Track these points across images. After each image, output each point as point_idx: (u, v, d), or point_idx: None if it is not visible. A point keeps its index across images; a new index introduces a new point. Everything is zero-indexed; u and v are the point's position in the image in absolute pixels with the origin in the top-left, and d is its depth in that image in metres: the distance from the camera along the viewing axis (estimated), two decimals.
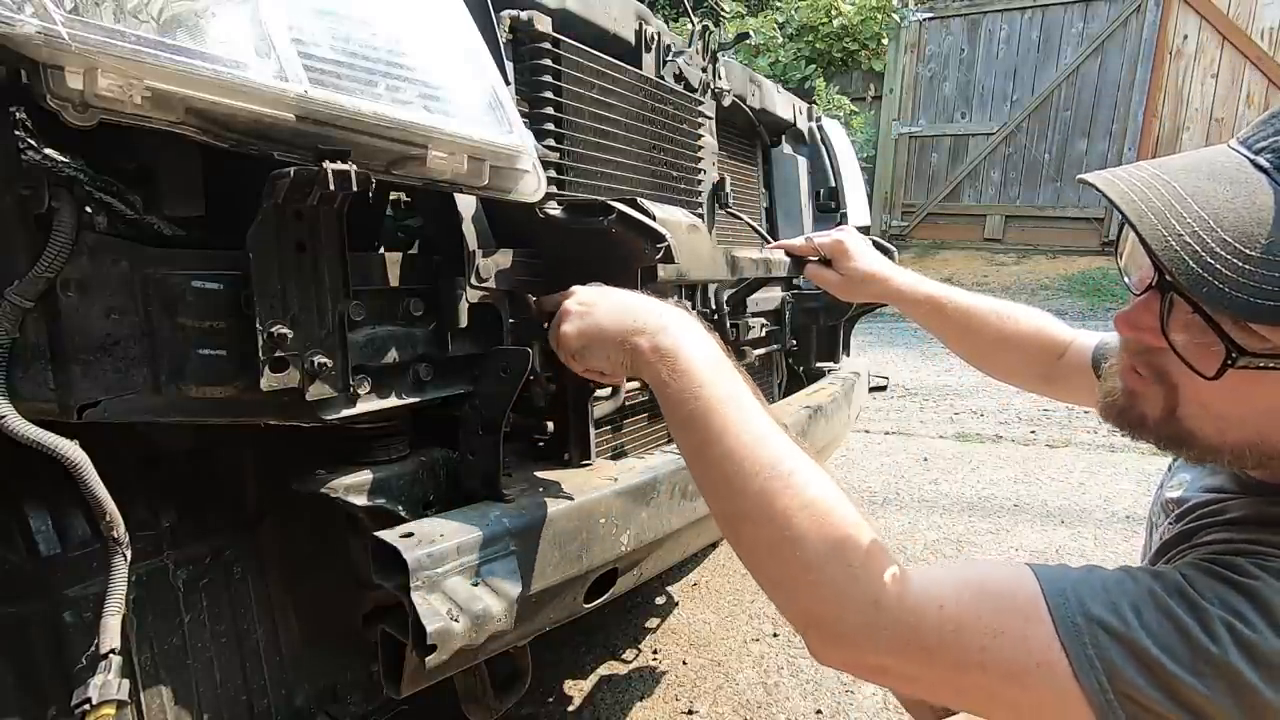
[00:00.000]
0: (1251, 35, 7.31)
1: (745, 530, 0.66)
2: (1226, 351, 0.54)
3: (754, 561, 0.67)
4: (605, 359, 0.76)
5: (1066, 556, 2.47)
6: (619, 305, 0.77)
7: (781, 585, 0.65)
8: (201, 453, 0.91)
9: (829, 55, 9.00)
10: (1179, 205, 0.53)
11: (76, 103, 0.53)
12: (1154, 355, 0.62)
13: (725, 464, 0.65)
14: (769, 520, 0.63)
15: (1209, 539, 0.65)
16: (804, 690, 1.80)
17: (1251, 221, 0.51)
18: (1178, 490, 0.79)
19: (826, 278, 1.25)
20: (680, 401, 0.68)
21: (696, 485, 0.71)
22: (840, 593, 0.60)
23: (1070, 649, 0.55)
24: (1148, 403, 0.65)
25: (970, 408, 4.30)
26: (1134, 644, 0.54)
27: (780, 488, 0.63)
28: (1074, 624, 0.56)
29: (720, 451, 0.66)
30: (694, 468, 0.70)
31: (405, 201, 1.02)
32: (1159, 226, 0.53)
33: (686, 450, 0.71)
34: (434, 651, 0.69)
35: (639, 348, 0.72)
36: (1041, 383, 1.18)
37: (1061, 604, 0.57)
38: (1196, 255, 0.51)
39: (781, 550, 0.63)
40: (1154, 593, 0.56)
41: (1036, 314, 1.17)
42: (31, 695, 0.79)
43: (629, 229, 0.87)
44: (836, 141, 2.23)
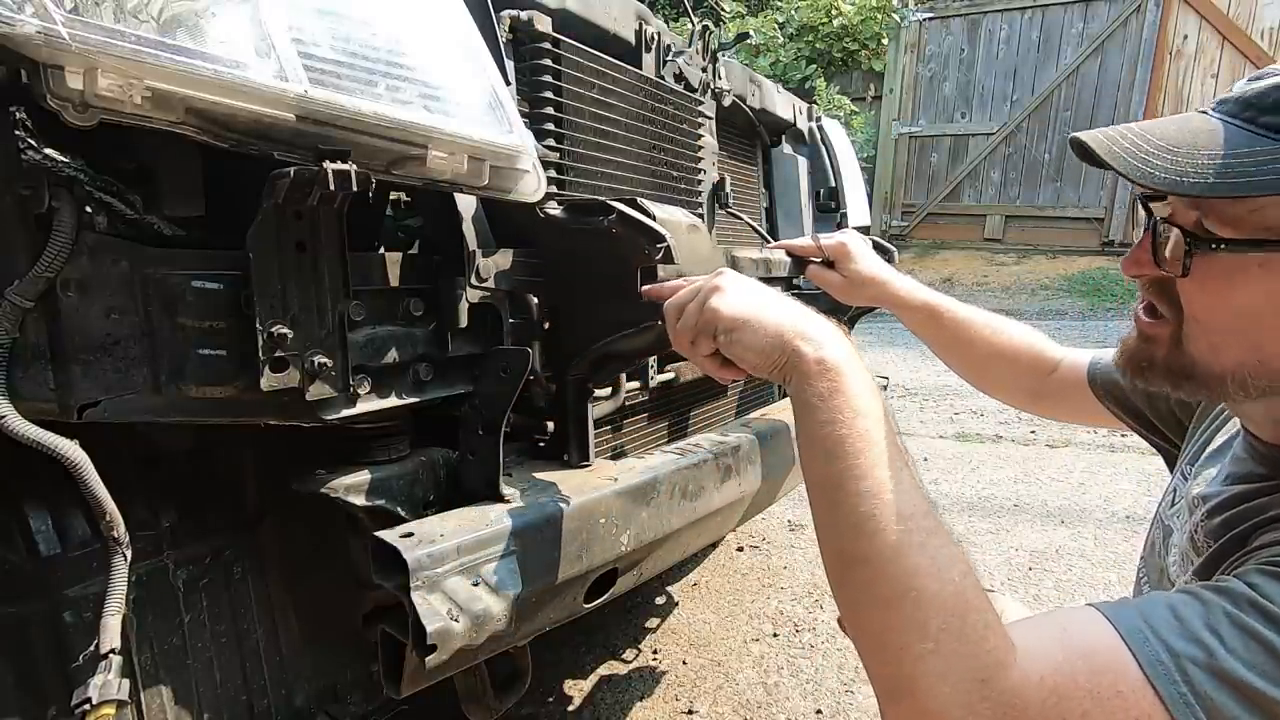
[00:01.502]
0: (1251, 35, 7.31)
1: (863, 575, 0.61)
2: (1185, 243, 0.62)
3: (859, 611, 0.63)
4: (756, 351, 0.69)
5: (1066, 556, 2.47)
6: (781, 300, 0.72)
7: (884, 644, 0.60)
8: (201, 453, 0.91)
9: (829, 55, 9.00)
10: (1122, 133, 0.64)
11: (76, 103, 0.53)
12: (1165, 285, 0.67)
13: (863, 503, 0.61)
14: (895, 574, 0.59)
15: (1264, 540, 0.64)
16: (804, 690, 1.80)
17: (1183, 134, 0.62)
18: (1202, 485, 0.79)
19: (828, 279, 1.25)
20: (831, 423, 0.64)
21: (815, 511, 0.66)
22: (948, 667, 0.56)
23: (1162, 691, 0.53)
24: (1158, 344, 0.69)
25: (970, 408, 4.30)
26: (1223, 671, 0.53)
27: (917, 543, 0.59)
28: (1160, 663, 0.54)
29: (861, 489, 0.61)
30: (821, 494, 0.65)
31: (405, 201, 1.02)
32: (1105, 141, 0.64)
33: (818, 474, 0.65)
34: (434, 651, 0.69)
35: (802, 353, 0.66)
36: (1030, 399, 1.19)
37: (1143, 644, 0.55)
38: (1134, 149, 0.62)
39: (900, 608, 0.58)
40: (1228, 612, 0.55)
41: (1029, 331, 1.18)
42: (31, 695, 0.79)
43: (629, 229, 0.87)
44: (836, 141, 2.23)
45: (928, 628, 0.57)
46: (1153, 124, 0.64)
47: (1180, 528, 0.80)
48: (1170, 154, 0.60)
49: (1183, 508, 0.82)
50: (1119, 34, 7.83)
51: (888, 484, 0.61)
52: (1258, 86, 0.61)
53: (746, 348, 0.70)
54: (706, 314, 0.72)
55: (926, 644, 0.57)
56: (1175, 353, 0.67)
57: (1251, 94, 0.61)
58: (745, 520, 1.50)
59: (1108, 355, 1.08)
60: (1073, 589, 2.27)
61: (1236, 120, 0.61)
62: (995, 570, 2.39)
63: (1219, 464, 0.79)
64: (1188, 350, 0.66)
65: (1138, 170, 0.60)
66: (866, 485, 0.61)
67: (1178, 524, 0.82)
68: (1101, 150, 0.63)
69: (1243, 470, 0.73)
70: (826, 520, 0.65)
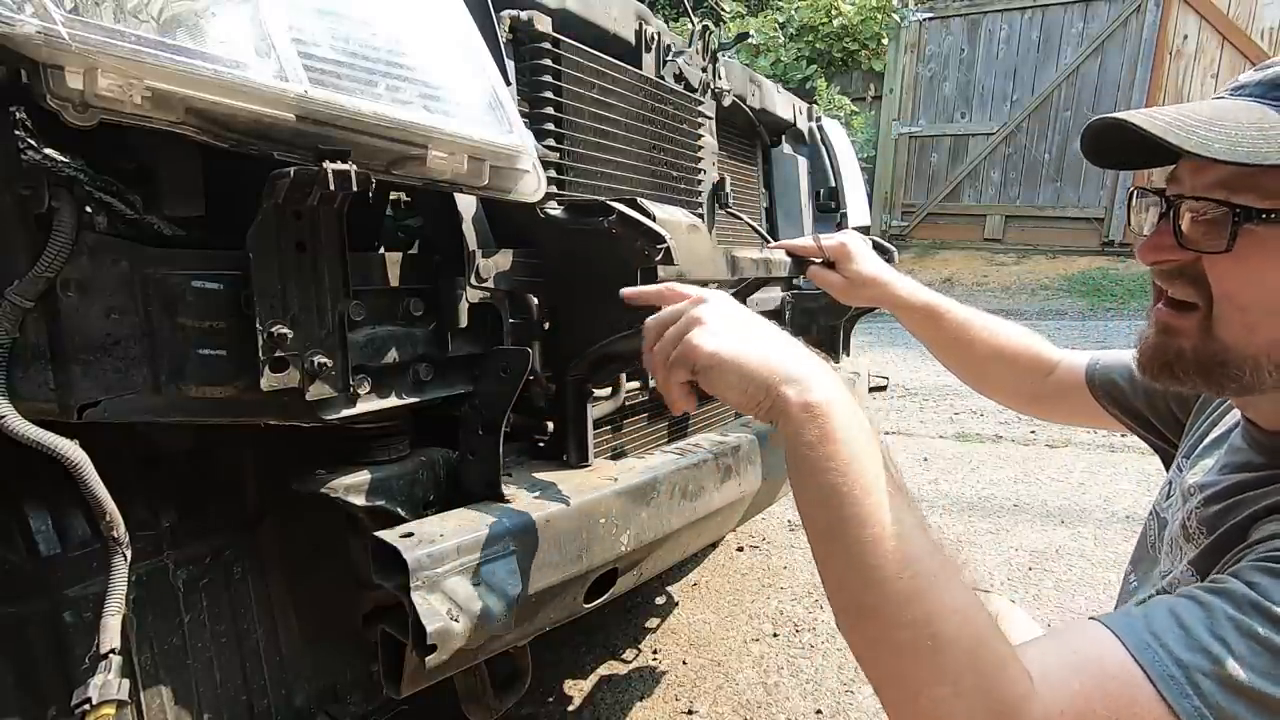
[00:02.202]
0: (1251, 35, 7.31)
1: (874, 625, 0.60)
2: (1231, 214, 0.61)
3: (875, 660, 0.61)
4: (738, 391, 0.66)
5: (1066, 556, 2.47)
6: (765, 338, 0.68)
7: (904, 690, 0.59)
8: (201, 453, 0.91)
9: (829, 55, 9.00)
10: (1157, 111, 0.63)
11: (76, 103, 0.53)
12: (1186, 269, 0.66)
13: (868, 551, 0.59)
14: (908, 622, 0.57)
15: (1263, 533, 0.64)
16: (804, 690, 1.80)
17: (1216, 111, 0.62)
18: (1199, 475, 0.79)
19: (829, 279, 1.26)
20: (824, 470, 0.61)
21: (820, 561, 0.64)
22: (969, 706, 0.56)
23: (1176, 705, 0.53)
24: (1184, 336, 0.68)
25: (970, 408, 4.30)
26: (1232, 680, 0.53)
27: (926, 587, 0.58)
28: (1171, 678, 0.54)
29: (865, 536, 0.59)
30: (823, 544, 0.63)
31: (405, 201, 1.02)
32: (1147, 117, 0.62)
33: (819, 524, 0.63)
34: (434, 651, 0.69)
35: (787, 398, 0.63)
36: (1028, 400, 1.19)
37: (1152, 658, 0.55)
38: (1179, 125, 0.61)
39: (915, 655, 0.57)
40: (1231, 616, 0.55)
41: (1027, 332, 1.19)
42: (31, 695, 0.79)
43: (629, 229, 0.87)
44: (836, 141, 2.23)
45: (946, 672, 0.56)
46: (1183, 106, 0.64)
47: (1175, 516, 0.80)
48: (1220, 127, 0.60)
49: (1177, 498, 0.82)
50: (1119, 34, 7.83)
51: (890, 529, 0.59)
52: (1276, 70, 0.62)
53: (728, 387, 0.67)
54: (684, 348, 0.68)
55: (945, 688, 0.56)
56: (1205, 341, 0.66)
57: (1272, 76, 0.62)
58: (745, 520, 1.50)
59: (1106, 356, 1.08)
60: (1073, 589, 2.27)
61: (1268, 100, 0.61)
62: (995, 570, 2.39)
63: (1215, 454, 0.79)
64: (1219, 335, 0.65)
65: (1193, 140, 0.59)
66: (869, 533, 0.59)
67: (1172, 514, 0.82)
68: (1143, 123, 0.61)
69: (1240, 460, 0.74)
70: (830, 570, 0.63)
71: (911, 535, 0.60)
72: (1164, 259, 0.67)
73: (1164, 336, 0.70)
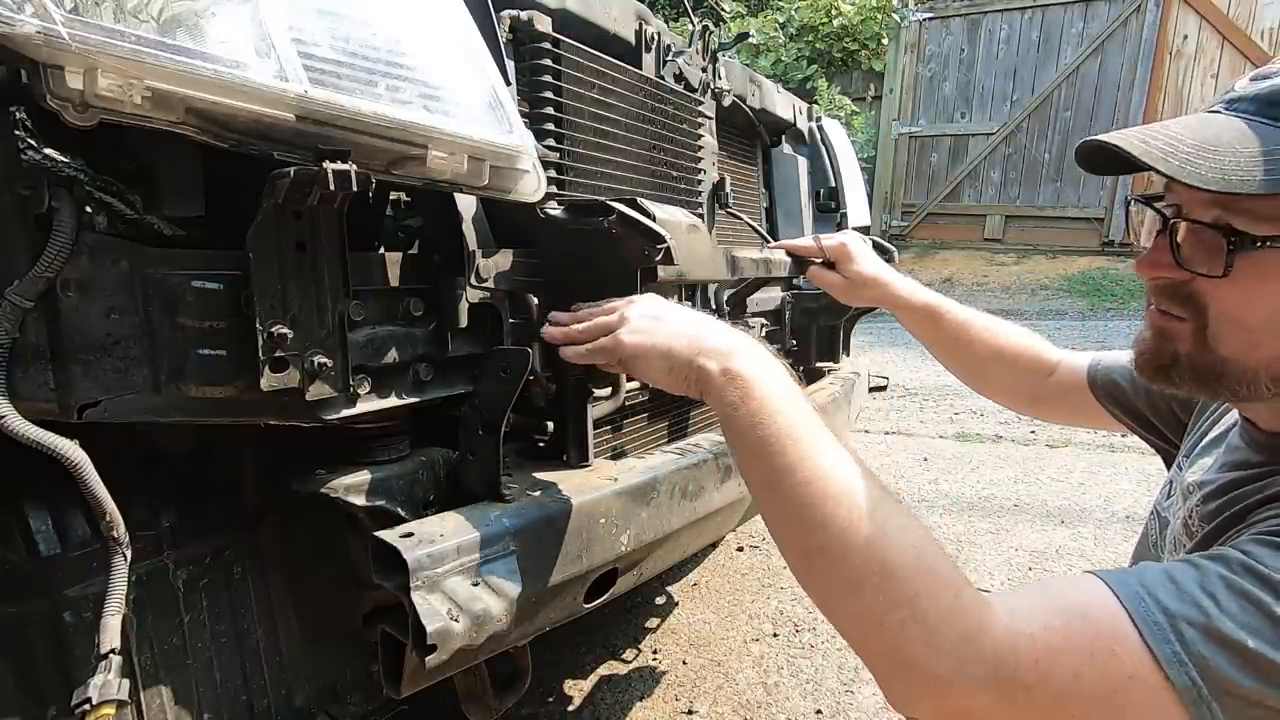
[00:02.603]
0: (1251, 35, 7.31)
1: (822, 565, 0.62)
2: (1226, 241, 0.61)
3: (832, 599, 0.63)
4: (663, 373, 0.73)
5: (1066, 556, 2.47)
6: (687, 323, 0.74)
7: (864, 624, 0.60)
8: (201, 453, 0.91)
9: (829, 55, 9.00)
10: (1149, 134, 0.63)
11: (76, 103, 0.53)
12: (1180, 288, 0.66)
13: (803, 494, 0.62)
14: (854, 554, 0.59)
15: (1262, 516, 0.64)
16: (804, 690, 1.80)
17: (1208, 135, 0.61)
18: (1199, 474, 0.79)
19: (829, 280, 1.26)
20: (751, 427, 0.65)
21: (765, 516, 0.67)
22: (931, 630, 0.57)
23: (1157, 650, 0.54)
24: (1179, 340, 0.68)
25: (970, 408, 4.30)
26: (1217, 631, 0.54)
27: (864, 518, 0.59)
28: (1155, 623, 0.55)
29: (797, 480, 0.62)
30: (764, 497, 0.66)
31: (405, 201, 1.02)
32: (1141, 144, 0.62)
33: (755, 478, 0.67)
34: (434, 651, 0.69)
35: (707, 370, 0.69)
36: (1029, 401, 1.19)
37: (1139, 605, 0.56)
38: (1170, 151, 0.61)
39: (867, 586, 0.58)
40: (1223, 576, 0.56)
41: (1027, 333, 1.19)
42: (31, 695, 0.79)
43: (629, 229, 0.87)
44: (836, 141, 2.23)
45: (899, 597, 0.58)
46: (1171, 124, 0.64)
47: (1174, 515, 0.81)
48: (1211, 152, 0.59)
49: (1177, 497, 0.83)
50: (1119, 34, 7.83)
51: (821, 469, 0.62)
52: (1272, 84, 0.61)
53: (654, 370, 0.74)
54: (610, 343, 0.76)
55: (901, 612, 0.58)
56: (1201, 351, 0.66)
57: (1268, 91, 0.61)
58: (745, 520, 1.50)
59: (1107, 357, 1.08)
60: None
61: (1262, 119, 0.61)
62: (995, 570, 2.39)
63: (1214, 453, 0.79)
64: (1216, 350, 0.65)
65: (1185, 170, 0.59)
66: (801, 475, 0.62)
67: (1173, 513, 0.82)
68: (1137, 150, 0.61)
69: (1238, 458, 0.74)
70: (774, 521, 0.66)
71: (843, 472, 0.62)
72: (1162, 276, 0.68)
73: (1160, 340, 0.70)
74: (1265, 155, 0.58)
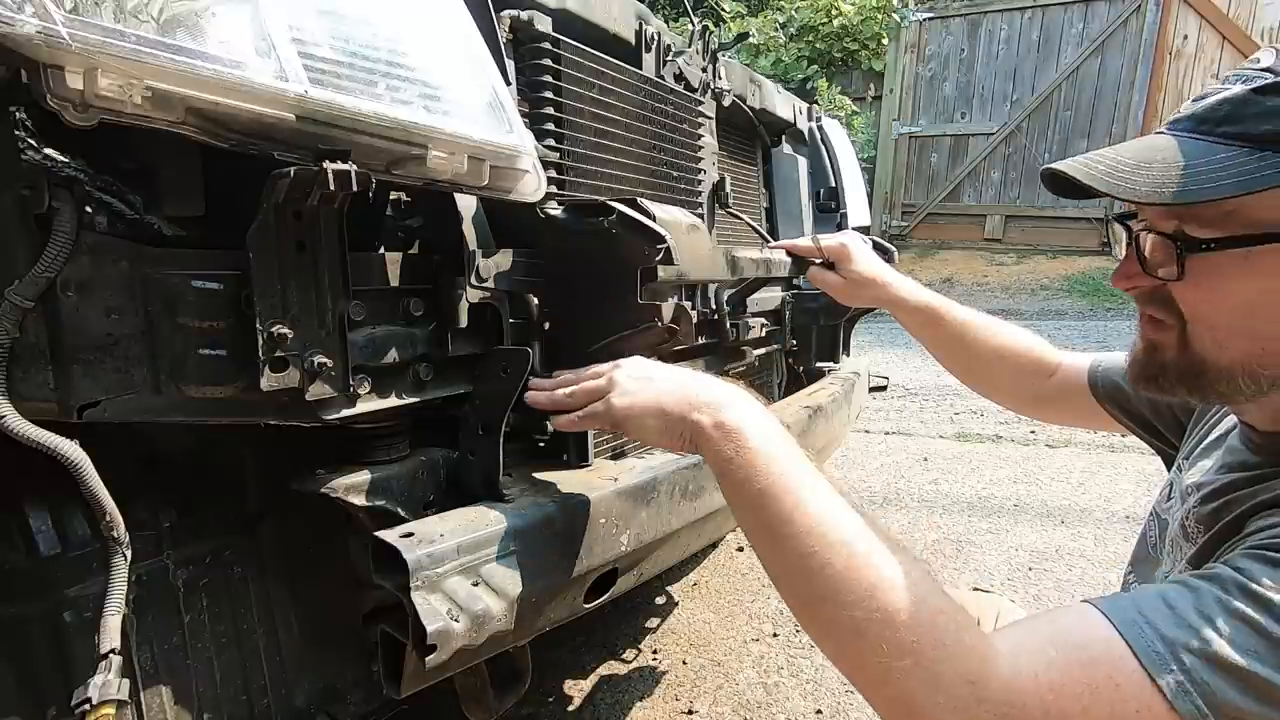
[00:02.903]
0: (1251, 35, 7.31)
1: (826, 613, 0.62)
2: (1175, 246, 0.64)
3: (835, 646, 0.63)
4: (659, 434, 0.75)
5: (1066, 557, 2.47)
6: (676, 380, 0.76)
7: (868, 670, 0.61)
8: (201, 453, 0.91)
9: (829, 55, 8.99)
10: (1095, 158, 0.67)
11: (76, 103, 0.53)
12: (1158, 293, 0.69)
13: (802, 543, 0.63)
14: (854, 601, 0.59)
15: (1258, 525, 0.64)
16: (804, 690, 1.80)
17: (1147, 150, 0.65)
18: (1197, 475, 0.79)
19: (829, 280, 1.25)
20: (747, 479, 0.66)
21: (765, 565, 0.68)
22: (935, 675, 0.57)
23: (1161, 681, 0.54)
24: (1167, 348, 0.70)
25: (970, 408, 4.30)
26: (1217, 657, 0.54)
27: (863, 565, 0.60)
28: (1156, 653, 0.55)
29: (795, 530, 0.63)
30: (764, 547, 0.67)
31: (405, 201, 1.02)
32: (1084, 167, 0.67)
33: (755, 529, 0.68)
34: (434, 651, 0.69)
35: (700, 424, 0.71)
36: (1030, 403, 1.19)
37: (1138, 635, 0.56)
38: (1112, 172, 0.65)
39: (869, 632, 0.59)
40: (1218, 598, 0.56)
41: (1028, 334, 1.19)
42: (31, 695, 0.79)
43: (629, 230, 0.87)
44: (836, 141, 2.23)
45: (902, 644, 0.58)
46: (1120, 147, 0.68)
47: (1175, 517, 0.81)
48: (1145, 169, 0.63)
49: (1176, 499, 0.83)
50: (1119, 34, 7.83)
51: (816, 517, 0.63)
52: (1206, 102, 0.64)
53: (649, 430, 0.76)
54: (602, 407, 0.78)
55: (905, 660, 0.58)
56: (1184, 354, 0.69)
57: (1202, 110, 0.64)
58: None
59: (1108, 358, 1.08)
60: (1073, 589, 2.26)
61: (1194, 134, 0.64)
62: (995, 570, 2.39)
63: (1214, 455, 0.80)
64: (1195, 350, 0.68)
65: (1120, 188, 0.63)
66: (798, 525, 0.63)
67: (1172, 515, 0.82)
68: (1081, 175, 0.66)
69: (1236, 460, 0.74)
70: (774, 570, 0.67)
71: (839, 519, 0.63)
72: (1133, 285, 0.71)
73: (1149, 352, 0.73)
74: (1190, 167, 0.61)
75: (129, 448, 0.83)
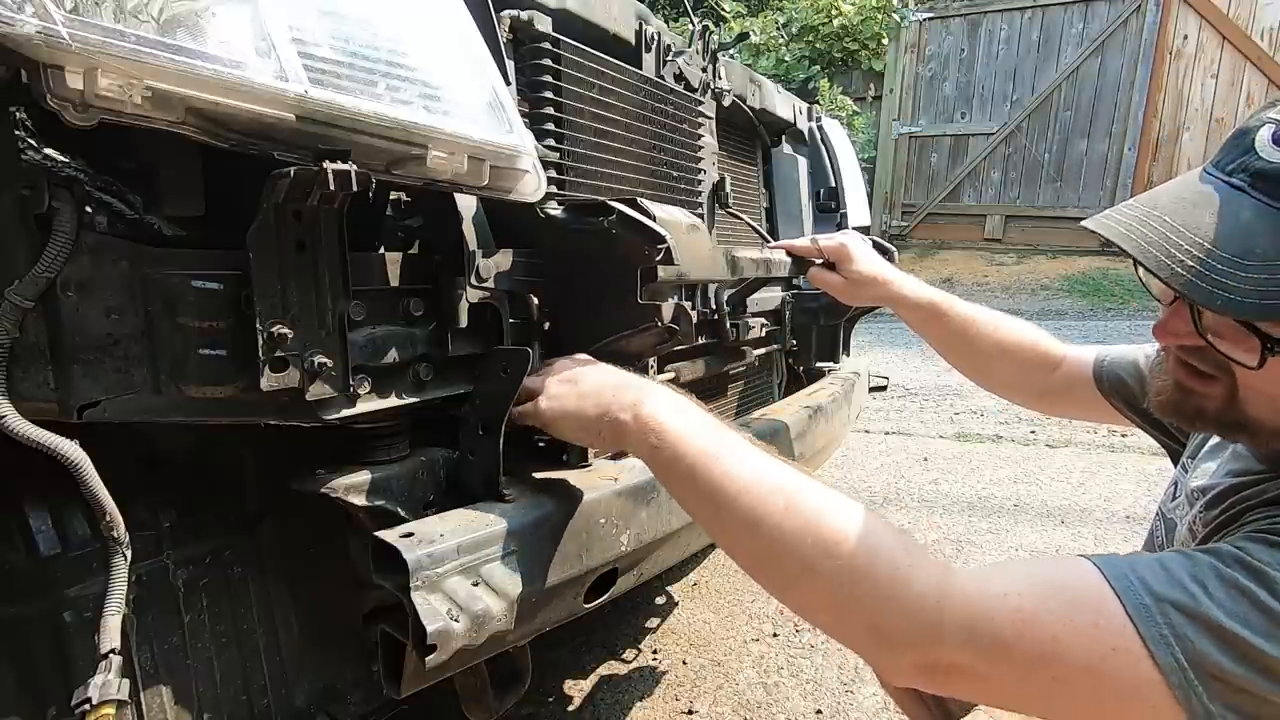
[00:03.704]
0: (1251, 35, 7.31)
1: (779, 566, 0.64)
2: (1262, 345, 0.59)
3: (796, 595, 0.65)
4: (580, 431, 0.79)
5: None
6: (595, 384, 0.78)
7: (835, 608, 0.62)
8: (201, 453, 0.91)
9: (829, 55, 8.99)
10: (1175, 236, 0.59)
11: (76, 103, 0.53)
12: (1206, 352, 0.65)
13: (738, 506, 0.64)
14: (800, 545, 0.61)
15: (1256, 518, 0.65)
16: (804, 690, 1.80)
17: (1241, 235, 0.57)
18: (1202, 479, 0.80)
19: (829, 280, 1.25)
20: (674, 460, 0.68)
21: (714, 538, 0.70)
22: (898, 594, 0.58)
23: (1143, 629, 0.54)
24: (1206, 398, 0.68)
25: (970, 408, 4.30)
26: (1207, 618, 0.54)
27: (797, 507, 0.62)
28: (1143, 605, 0.55)
29: (729, 495, 0.65)
30: (706, 520, 0.69)
31: (405, 201, 1.02)
32: (1162, 258, 0.59)
33: (694, 506, 0.70)
34: (434, 651, 0.69)
35: (621, 422, 0.73)
36: (1035, 396, 1.19)
37: (1127, 587, 0.56)
38: (1202, 275, 0.57)
39: (821, 572, 0.60)
40: (1215, 566, 0.56)
41: (1032, 328, 1.19)
42: (31, 695, 0.79)
43: (629, 229, 0.87)
44: (836, 141, 2.23)
45: (857, 571, 0.59)
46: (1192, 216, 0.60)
47: (1182, 519, 0.81)
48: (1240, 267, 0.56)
49: (1183, 501, 0.83)
50: (1119, 34, 7.83)
51: (746, 477, 0.65)
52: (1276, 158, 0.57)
53: (571, 432, 0.80)
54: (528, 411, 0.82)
55: (863, 585, 0.59)
56: (1231, 410, 0.66)
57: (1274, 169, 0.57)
58: None
59: (1113, 351, 1.08)
60: None
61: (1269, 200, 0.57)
62: None
63: (1219, 458, 0.80)
64: (1247, 412, 0.65)
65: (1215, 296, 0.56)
66: (731, 491, 0.65)
67: (1179, 517, 0.82)
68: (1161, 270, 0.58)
69: (1241, 465, 0.75)
70: (723, 538, 0.69)
71: (767, 473, 0.65)
72: (1185, 344, 0.66)
73: (1182, 395, 0.70)
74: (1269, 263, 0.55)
75: (129, 448, 0.83)
